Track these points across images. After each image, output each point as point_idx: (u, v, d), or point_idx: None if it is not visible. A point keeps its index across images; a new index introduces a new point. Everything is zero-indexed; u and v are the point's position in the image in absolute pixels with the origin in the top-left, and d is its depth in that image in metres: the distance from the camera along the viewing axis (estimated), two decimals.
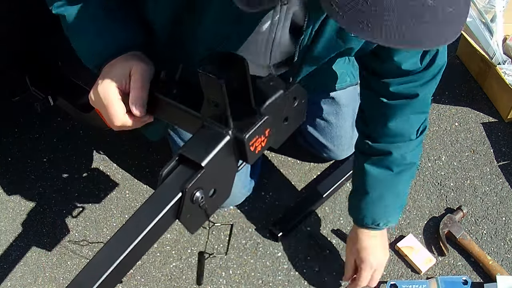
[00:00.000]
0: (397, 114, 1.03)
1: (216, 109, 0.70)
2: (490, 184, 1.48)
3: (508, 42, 1.64)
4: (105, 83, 0.81)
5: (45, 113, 1.56)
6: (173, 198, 0.65)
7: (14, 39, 1.31)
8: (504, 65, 1.61)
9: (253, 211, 1.45)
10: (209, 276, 1.34)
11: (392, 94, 1.00)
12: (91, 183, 1.52)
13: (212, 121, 0.72)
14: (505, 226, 1.40)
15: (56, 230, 1.43)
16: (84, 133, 1.63)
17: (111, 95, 0.81)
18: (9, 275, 1.35)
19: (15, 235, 1.42)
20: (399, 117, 1.04)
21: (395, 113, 1.03)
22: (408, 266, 1.33)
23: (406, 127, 1.07)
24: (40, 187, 1.52)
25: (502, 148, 1.57)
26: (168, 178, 0.69)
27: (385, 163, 1.10)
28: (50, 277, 1.35)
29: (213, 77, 0.64)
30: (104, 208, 1.47)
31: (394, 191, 1.15)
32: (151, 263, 1.36)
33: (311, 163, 1.54)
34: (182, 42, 0.94)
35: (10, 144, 1.62)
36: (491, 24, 1.62)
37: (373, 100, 1.04)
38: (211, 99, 0.69)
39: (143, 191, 1.50)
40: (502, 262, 1.33)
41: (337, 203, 1.46)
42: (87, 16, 0.87)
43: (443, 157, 1.55)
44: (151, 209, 0.66)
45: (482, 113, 1.66)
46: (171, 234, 1.41)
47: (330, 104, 1.36)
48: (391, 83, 0.98)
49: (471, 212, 1.42)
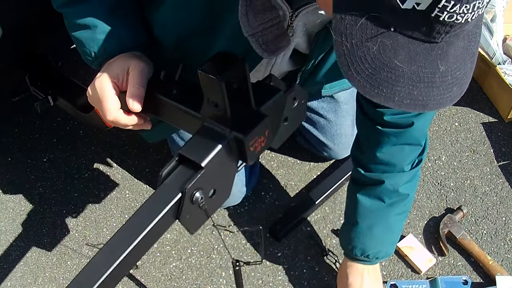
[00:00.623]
0: (391, 142, 1.02)
1: (216, 109, 0.70)
2: (490, 184, 1.48)
3: (508, 42, 1.64)
4: (102, 77, 0.82)
5: (45, 113, 1.56)
6: (173, 198, 0.65)
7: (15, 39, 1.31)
8: (504, 65, 1.61)
9: (253, 211, 1.45)
10: (209, 276, 1.34)
11: (386, 122, 0.99)
12: (91, 183, 1.52)
13: (212, 121, 0.72)
14: (505, 226, 1.40)
15: (56, 230, 1.43)
16: (84, 133, 1.63)
17: (107, 89, 0.82)
18: (9, 275, 1.35)
19: (15, 235, 1.42)
20: (393, 146, 1.03)
21: (388, 141, 1.02)
22: (408, 266, 1.33)
23: (399, 157, 1.06)
24: (40, 187, 1.52)
25: (502, 148, 1.57)
26: (168, 178, 0.69)
27: (377, 193, 1.09)
28: (50, 277, 1.35)
29: (213, 77, 0.64)
30: (104, 208, 1.47)
31: (385, 223, 1.13)
32: (151, 263, 1.36)
33: (311, 163, 1.54)
34: (186, 53, 0.94)
35: (10, 144, 1.62)
36: (491, 24, 1.62)
37: (368, 126, 1.03)
38: (211, 99, 0.69)
39: (143, 191, 1.50)
40: (502, 262, 1.33)
41: (337, 203, 1.46)
42: (90, 14, 0.87)
43: (443, 157, 1.55)
44: (151, 209, 0.66)
45: (482, 113, 1.66)
46: (171, 234, 1.41)
47: (329, 102, 1.36)
48: (385, 113, 0.98)
49: (471, 212, 1.42)
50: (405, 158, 1.06)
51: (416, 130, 1.00)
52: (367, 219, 1.12)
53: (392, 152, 1.04)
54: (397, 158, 1.06)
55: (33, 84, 1.41)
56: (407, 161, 1.07)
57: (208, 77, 0.65)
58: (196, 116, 0.76)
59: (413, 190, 1.13)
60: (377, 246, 1.15)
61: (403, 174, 1.08)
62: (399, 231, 1.18)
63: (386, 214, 1.12)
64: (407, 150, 1.05)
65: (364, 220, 1.13)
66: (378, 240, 1.14)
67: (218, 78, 0.64)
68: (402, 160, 1.06)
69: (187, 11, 0.87)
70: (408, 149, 1.04)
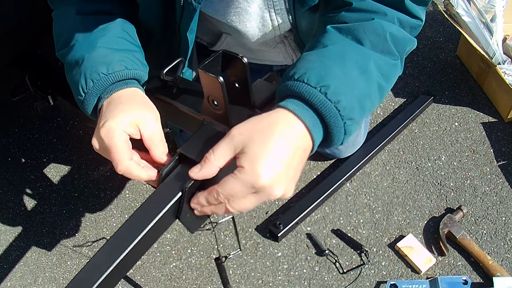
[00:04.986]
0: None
1: (215, 108, 0.70)
2: (490, 184, 1.48)
3: (508, 42, 1.64)
4: (110, 125, 0.72)
5: (45, 113, 1.56)
6: (173, 197, 0.65)
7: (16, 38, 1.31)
8: (504, 65, 1.61)
9: (253, 211, 1.45)
10: (209, 276, 1.33)
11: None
12: (91, 183, 1.52)
13: (212, 120, 0.73)
14: (505, 226, 1.40)
15: (56, 230, 1.43)
16: (84, 133, 1.63)
17: (116, 137, 0.72)
18: (9, 275, 1.35)
19: (15, 235, 1.42)
20: None
21: None
22: (408, 266, 1.33)
23: None
24: (40, 187, 1.52)
25: (502, 148, 1.57)
26: (168, 177, 0.69)
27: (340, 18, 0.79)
28: (50, 277, 1.35)
29: (213, 77, 0.64)
30: (104, 208, 1.47)
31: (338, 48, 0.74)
32: (151, 263, 1.36)
33: (311, 163, 1.54)
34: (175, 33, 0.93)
35: (10, 144, 1.62)
36: (491, 24, 1.62)
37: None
38: (211, 98, 0.70)
39: (143, 191, 1.50)
40: (502, 262, 1.33)
41: (337, 203, 1.46)
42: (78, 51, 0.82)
43: (443, 157, 1.55)
44: (151, 208, 0.66)
45: (482, 113, 1.66)
46: (171, 234, 1.41)
47: None
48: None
49: (471, 212, 1.42)
50: None
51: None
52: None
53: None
54: None
55: (33, 84, 1.41)
56: None
57: (208, 76, 0.65)
58: (196, 115, 0.76)
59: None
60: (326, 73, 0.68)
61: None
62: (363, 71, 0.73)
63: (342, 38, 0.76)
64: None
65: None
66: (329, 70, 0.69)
67: (218, 77, 0.64)
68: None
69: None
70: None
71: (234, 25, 0.95)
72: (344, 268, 1.33)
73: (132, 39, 0.88)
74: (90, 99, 0.79)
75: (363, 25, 0.76)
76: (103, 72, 0.78)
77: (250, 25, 0.95)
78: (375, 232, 1.39)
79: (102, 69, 0.78)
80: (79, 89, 0.79)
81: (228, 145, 0.63)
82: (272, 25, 0.96)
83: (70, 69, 0.83)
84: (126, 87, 0.79)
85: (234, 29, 0.97)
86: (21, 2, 1.24)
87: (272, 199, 0.63)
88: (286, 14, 0.94)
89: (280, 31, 0.99)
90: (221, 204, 0.64)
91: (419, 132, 1.62)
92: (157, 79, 0.85)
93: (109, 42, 0.82)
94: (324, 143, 0.70)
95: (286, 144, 0.62)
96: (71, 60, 0.82)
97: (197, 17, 0.86)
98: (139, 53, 0.86)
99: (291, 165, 0.63)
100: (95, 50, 0.80)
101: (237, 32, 0.98)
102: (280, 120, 0.64)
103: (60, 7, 0.91)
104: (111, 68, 0.78)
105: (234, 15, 0.93)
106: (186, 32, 0.88)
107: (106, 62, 0.78)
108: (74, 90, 0.81)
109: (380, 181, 1.50)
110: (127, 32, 0.87)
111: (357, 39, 0.75)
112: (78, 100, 0.81)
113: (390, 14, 0.80)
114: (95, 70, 0.78)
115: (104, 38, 0.83)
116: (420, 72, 1.80)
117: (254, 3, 0.92)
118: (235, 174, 0.62)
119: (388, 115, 1.67)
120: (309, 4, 0.85)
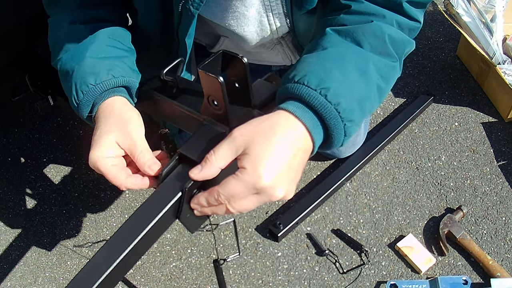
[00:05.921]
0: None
1: (216, 108, 0.70)
2: (490, 184, 1.48)
3: (508, 42, 1.64)
4: (93, 156, 0.75)
5: (45, 113, 1.56)
6: (173, 197, 0.65)
7: (16, 38, 1.31)
8: (504, 65, 1.61)
9: (253, 211, 1.45)
10: (208, 276, 1.33)
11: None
12: (91, 183, 1.52)
13: (212, 120, 0.72)
14: (505, 226, 1.40)
15: (56, 230, 1.43)
16: (84, 133, 1.63)
17: (103, 166, 0.74)
18: (9, 275, 1.35)
19: (15, 235, 1.42)
20: None
21: None
22: (408, 266, 1.33)
23: None
24: (40, 187, 1.52)
25: (502, 148, 1.57)
26: (168, 177, 0.69)
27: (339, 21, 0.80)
28: (50, 277, 1.35)
29: (213, 77, 0.64)
30: (104, 208, 1.47)
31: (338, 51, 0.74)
32: (151, 263, 1.36)
33: (311, 162, 1.54)
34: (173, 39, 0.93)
35: (10, 144, 1.62)
36: (491, 24, 1.62)
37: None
38: (211, 98, 0.70)
39: (143, 191, 1.50)
40: (502, 262, 1.33)
41: (337, 203, 1.46)
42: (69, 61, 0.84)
43: (443, 157, 1.55)
44: (151, 208, 0.66)
45: (482, 113, 1.66)
46: (171, 234, 1.41)
47: None
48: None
49: (471, 212, 1.42)
50: None
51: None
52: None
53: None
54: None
55: (33, 84, 1.41)
56: None
57: (208, 76, 0.65)
58: (196, 116, 0.76)
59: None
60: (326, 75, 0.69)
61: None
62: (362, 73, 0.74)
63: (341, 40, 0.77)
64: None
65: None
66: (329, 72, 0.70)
67: (218, 77, 0.64)
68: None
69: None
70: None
71: (233, 29, 0.95)
72: (344, 268, 1.33)
73: (123, 45, 0.89)
74: (84, 108, 0.81)
75: (362, 28, 0.77)
76: (91, 83, 0.79)
77: (248, 29, 0.96)
78: (375, 232, 1.39)
79: (90, 80, 0.80)
80: (72, 100, 0.81)
81: (229, 146, 0.64)
82: (270, 28, 0.97)
83: (63, 79, 0.85)
84: (114, 95, 0.81)
85: (232, 32, 0.97)
86: (21, 2, 1.24)
87: (273, 201, 0.63)
88: (284, 18, 0.94)
89: (278, 34, 1.00)
90: (222, 204, 0.64)
91: (419, 132, 1.62)
92: (157, 79, 0.85)
93: (98, 51, 0.84)
94: (324, 145, 0.70)
95: (288, 146, 0.63)
96: (63, 70, 0.84)
97: (195, 22, 0.87)
98: (129, 58, 0.87)
99: (292, 166, 0.64)
100: (83, 61, 0.82)
101: (236, 35, 0.98)
102: (281, 122, 0.65)
103: (56, 13, 0.92)
104: (99, 78, 0.80)
105: (232, 19, 0.94)
106: (185, 38, 0.89)
107: (94, 73, 0.80)
108: (69, 99, 0.83)
109: (380, 181, 1.50)
110: (117, 39, 0.88)
111: (356, 41, 0.76)
112: (74, 108, 0.83)
113: (388, 16, 0.80)
114: (84, 81, 0.80)
115: (93, 47, 0.84)
116: (420, 72, 1.80)
117: (252, 7, 0.92)
118: (236, 175, 0.62)
119: (388, 115, 1.67)
120: (307, 8, 0.86)
